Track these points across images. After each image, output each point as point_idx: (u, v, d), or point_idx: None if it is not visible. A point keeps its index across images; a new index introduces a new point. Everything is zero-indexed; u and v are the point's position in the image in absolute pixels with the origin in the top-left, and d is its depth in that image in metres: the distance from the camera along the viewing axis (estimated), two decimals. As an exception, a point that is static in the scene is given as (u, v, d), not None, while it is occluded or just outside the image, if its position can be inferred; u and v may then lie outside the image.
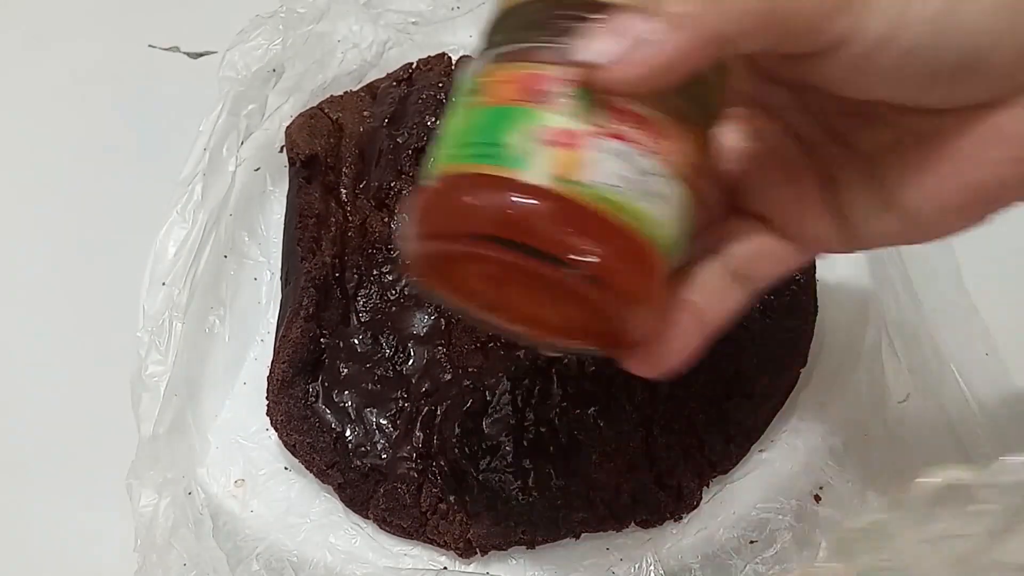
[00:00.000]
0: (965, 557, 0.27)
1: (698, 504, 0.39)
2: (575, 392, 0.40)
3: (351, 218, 0.46)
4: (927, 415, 0.41)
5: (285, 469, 0.41)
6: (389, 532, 0.39)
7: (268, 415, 0.41)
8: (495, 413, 0.40)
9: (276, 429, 0.41)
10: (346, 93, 0.50)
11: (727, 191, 0.29)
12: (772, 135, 0.28)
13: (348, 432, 0.40)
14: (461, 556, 0.39)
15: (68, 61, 0.57)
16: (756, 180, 0.29)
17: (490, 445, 0.39)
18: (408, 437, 0.40)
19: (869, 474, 0.39)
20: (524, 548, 0.39)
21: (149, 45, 0.57)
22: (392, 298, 0.43)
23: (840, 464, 0.40)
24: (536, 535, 0.38)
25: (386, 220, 0.45)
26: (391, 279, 0.44)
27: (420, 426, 0.40)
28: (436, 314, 0.43)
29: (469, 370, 0.41)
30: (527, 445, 0.39)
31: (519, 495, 0.38)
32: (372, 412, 0.41)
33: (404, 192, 0.45)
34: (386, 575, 0.38)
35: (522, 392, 0.40)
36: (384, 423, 0.40)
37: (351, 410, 0.41)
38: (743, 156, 0.29)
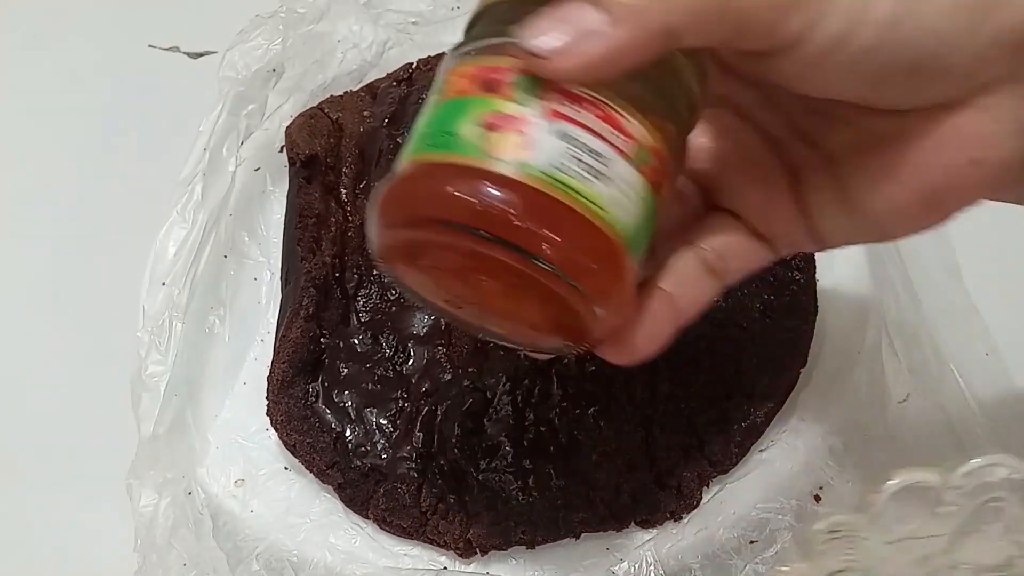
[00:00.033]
0: (930, 558, 0.27)
1: (698, 504, 0.39)
2: (575, 392, 0.40)
3: (351, 218, 0.46)
4: (927, 415, 0.41)
5: (285, 469, 0.41)
6: (389, 532, 0.39)
7: (268, 415, 0.41)
8: (495, 413, 0.40)
9: (276, 429, 0.41)
10: (346, 93, 0.50)
11: (702, 188, 0.29)
12: (740, 134, 0.28)
13: (348, 432, 0.40)
14: (461, 556, 0.39)
15: (68, 61, 0.57)
16: (727, 178, 0.29)
17: (490, 445, 0.39)
18: (408, 437, 0.40)
19: (869, 474, 0.39)
20: (524, 548, 0.39)
21: (149, 45, 0.57)
22: (392, 298, 0.43)
23: (840, 464, 0.39)
24: (536, 535, 0.38)
25: (386, 220, 0.45)
26: (391, 279, 0.44)
27: (420, 426, 0.40)
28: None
29: (469, 370, 0.41)
30: (527, 445, 0.39)
31: (519, 495, 0.38)
32: (372, 412, 0.41)
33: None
34: (386, 575, 0.38)
35: (522, 392, 0.40)
36: (384, 423, 0.40)
37: (351, 410, 0.41)
38: (712, 154, 0.29)
